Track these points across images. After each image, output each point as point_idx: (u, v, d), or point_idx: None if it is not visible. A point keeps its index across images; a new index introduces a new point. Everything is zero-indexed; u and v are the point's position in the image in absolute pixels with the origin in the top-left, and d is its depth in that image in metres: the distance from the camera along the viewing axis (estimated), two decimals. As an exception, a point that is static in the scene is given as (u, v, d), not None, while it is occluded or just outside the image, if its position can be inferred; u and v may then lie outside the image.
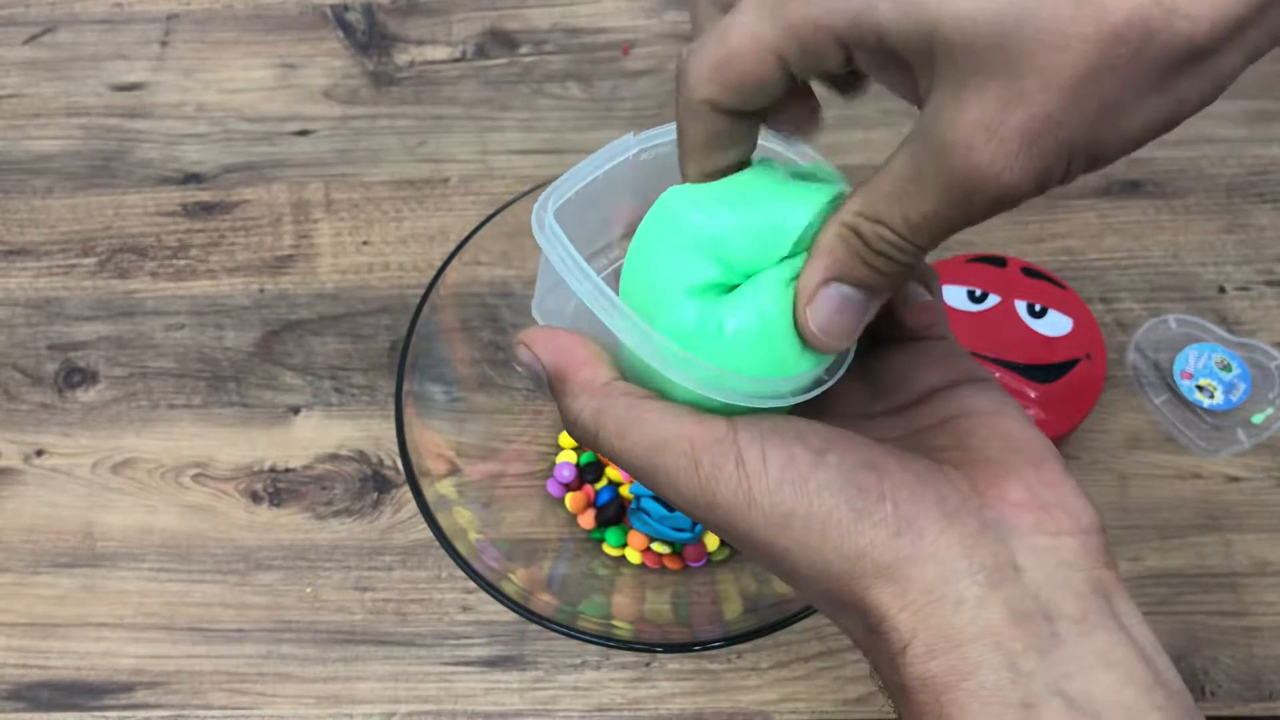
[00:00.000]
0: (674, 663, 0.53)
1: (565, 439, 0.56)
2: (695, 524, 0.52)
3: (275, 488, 0.58)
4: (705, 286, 0.28)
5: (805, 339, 0.28)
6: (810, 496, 0.27)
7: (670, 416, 0.28)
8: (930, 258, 0.61)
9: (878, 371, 0.33)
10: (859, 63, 0.26)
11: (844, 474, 0.27)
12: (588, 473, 0.55)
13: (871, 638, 0.27)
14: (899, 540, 0.27)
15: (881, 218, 0.26)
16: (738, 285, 0.29)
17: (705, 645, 0.44)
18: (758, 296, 0.28)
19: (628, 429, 0.28)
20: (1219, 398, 0.56)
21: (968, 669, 0.25)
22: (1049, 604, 0.26)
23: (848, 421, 0.31)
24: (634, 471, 0.29)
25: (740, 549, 0.29)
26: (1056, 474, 0.29)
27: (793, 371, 0.29)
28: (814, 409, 0.31)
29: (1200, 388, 0.55)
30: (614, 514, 0.53)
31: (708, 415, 0.28)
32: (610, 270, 0.34)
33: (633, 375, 0.30)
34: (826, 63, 0.25)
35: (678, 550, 0.53)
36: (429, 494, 0.46)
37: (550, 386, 0.30)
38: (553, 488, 0.55)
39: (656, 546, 0.53)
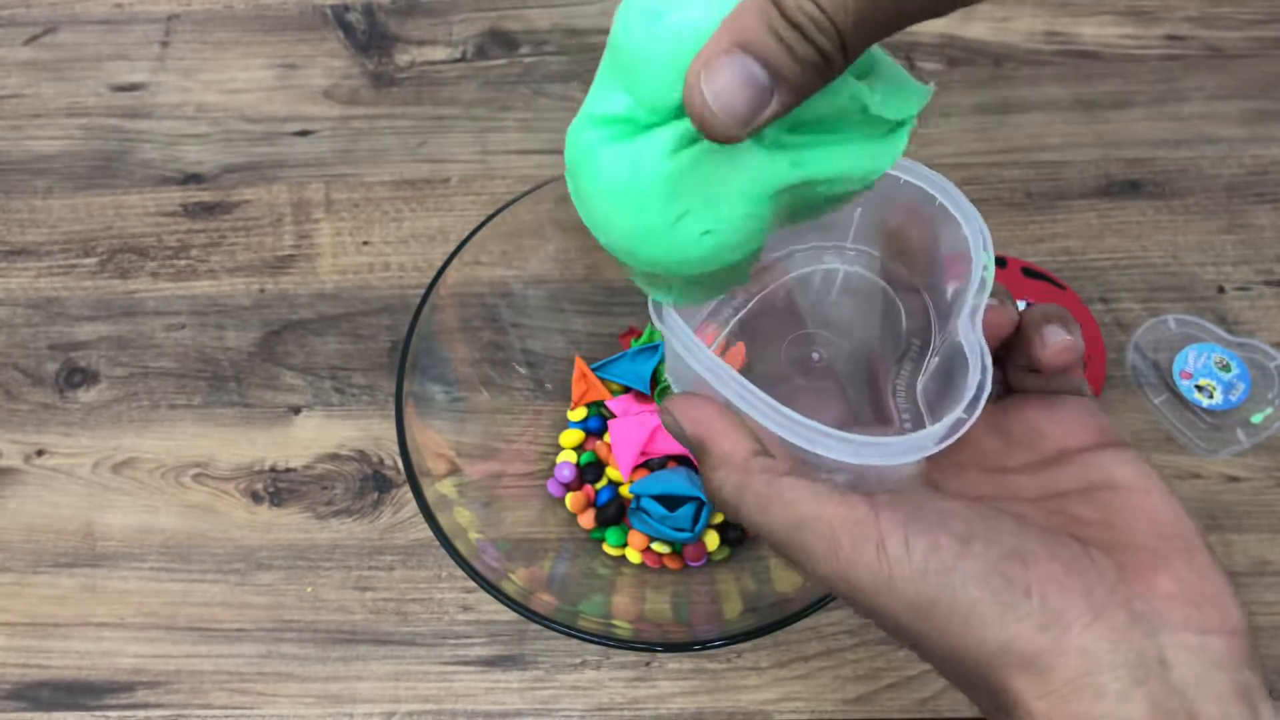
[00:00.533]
0: (674, 662, 0.53)
1: (565, 439, 0.56)
2: (695, 524, 0.52)
3: (276, 487, 0.58)
4: (609, 119, 0.27)
5: (693, 111, 0.24)
6: (955, 588, 0.26)
7: (809, 495, 0.28)
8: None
9: (1011, 424, 0.32)
10: None
11: (990, 565, 0.27)
12: (588, 473, 0.55)
13: (999, 715, 0.27)
14: (1044, 635, 0.26)
15: None
16: (651, 126, 0.26)
17: (705, 645, 0.44)
18: (643, 147, 0.26)
19: (769, 506, 0.28)
20: (1218, 398, 0.56)
21: None
22: (1193, 704, 0.26)
23: (985, 475, 0.30)
24: (775, 546, 0.29)
25: (874, 622, 0.29)
26: (1207, 566, 0.28)
27: (660, 242, 0.26)
28: (952, 462, 0.31)
29: (1199, 388, 0.55)
30: (614, 514, 0.53)
31: (849, 494, 0.28)
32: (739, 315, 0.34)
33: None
34: None
35: (677, 550, 0.53)
36: (429, 494, 0.46)
37: (692, 453, 0.31)
38: (553, 487, 0.55)
39: (656, 546, 0.53)
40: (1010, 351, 0.32)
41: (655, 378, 0.55)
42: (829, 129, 0.26)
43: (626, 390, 0.57)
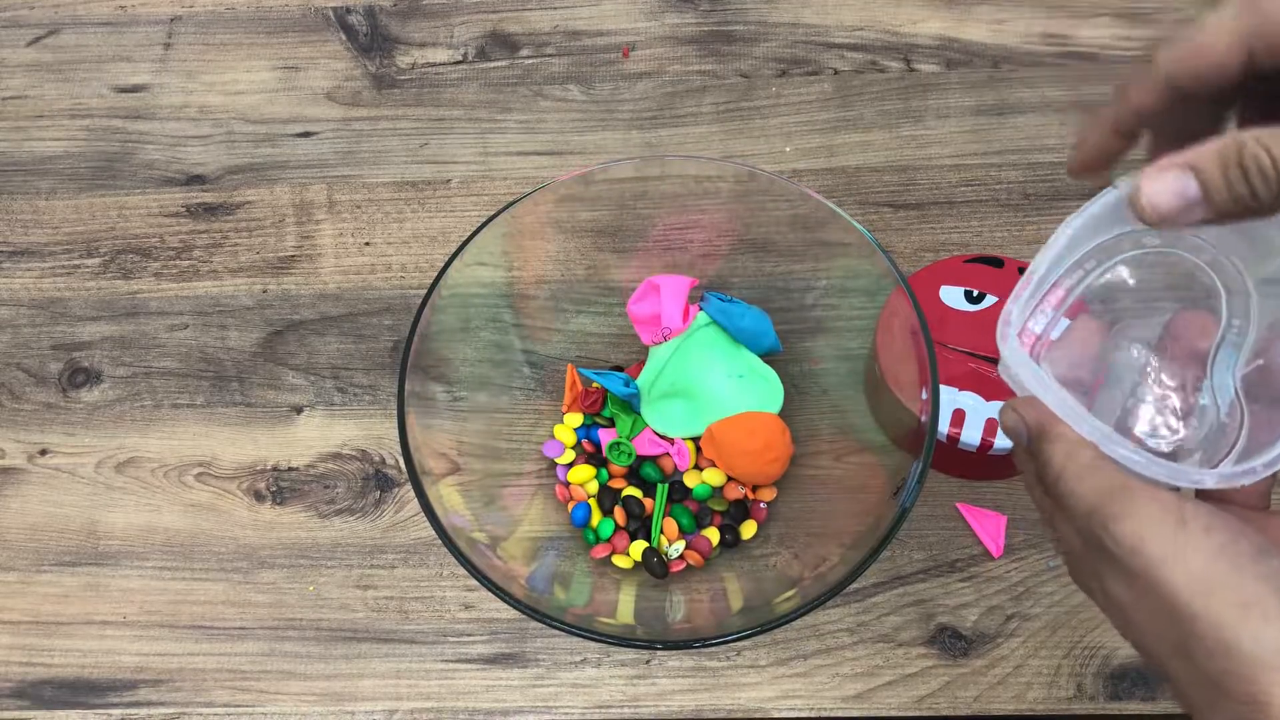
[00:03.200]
0: (674, 660, 0.53)
1: (565, 438, 0.56)
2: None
3: (278, 486, 0.58)
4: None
5: (1130, 201, 0.29)
6: (1245, 578, 0.27)
7: (1128, 473, 0.31)
8: (930, 257, 0.62)
9: None
10: None
11: (1279, 577, 0.28)
12: (604, 497, 0.55)
13: None
14: None
15: (1269, 146, 0.27)
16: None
17: (705, 643, 0.44)
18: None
19: (1086, 474, 0.31)
20: None
21: None
22: None
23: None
24: (1077, 510, 0.31)
25: (1126, 604, 0.30)
26: None
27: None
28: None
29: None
30: (609, 508, 0.54)
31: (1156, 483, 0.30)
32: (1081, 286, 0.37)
33: None
34: None
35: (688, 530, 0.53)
36: (430, 493, 0.46)
37: (1031, 439, 0.33)
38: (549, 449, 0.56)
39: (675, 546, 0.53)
40: None
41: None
42: None
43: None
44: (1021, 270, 0.57)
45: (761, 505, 0.54)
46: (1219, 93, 0.31)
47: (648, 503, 0.54)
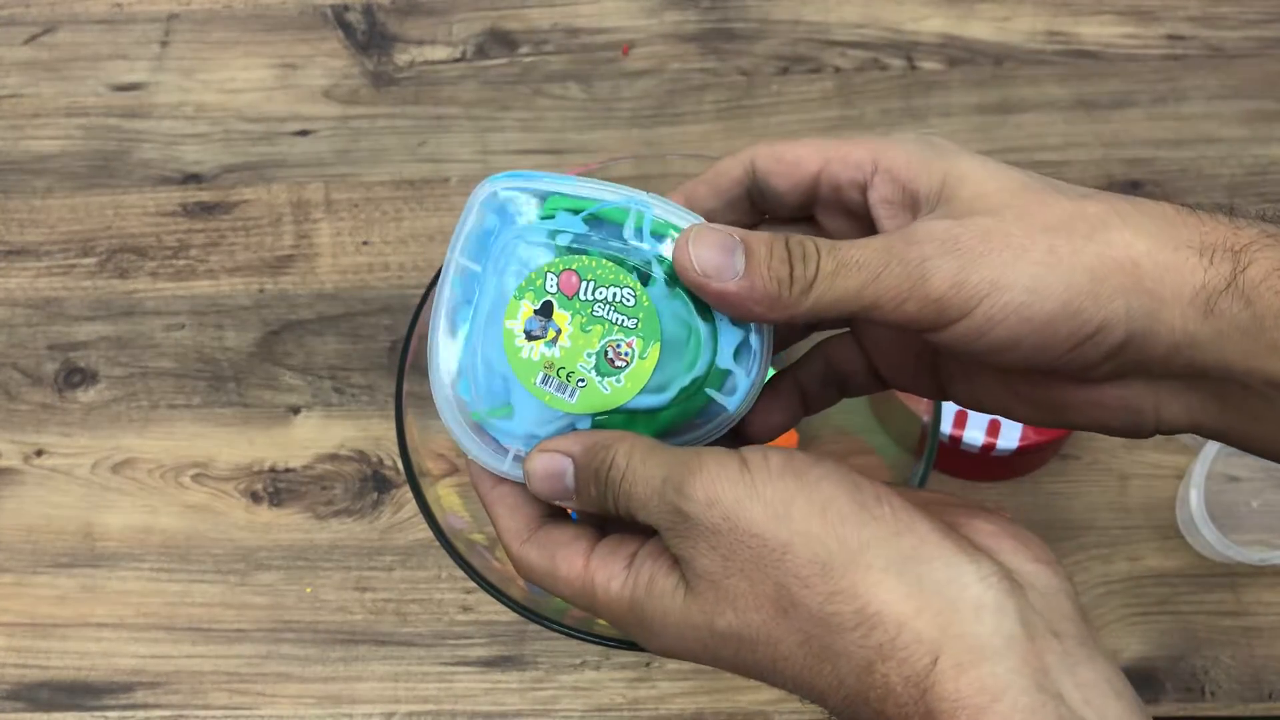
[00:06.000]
0: (674, 663, 0.53)
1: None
2: None
3: (275, 488, 0.58)
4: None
5: (676, 250, 0.30)
6: (811, 485, 0.27)
7: (687, 450, 0.30)
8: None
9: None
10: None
11: (840, 475, 0.28)
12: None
13: (878, 668, 0.25)
14: (901, 540, 0.26)
15: (814, 239, 0.29)
16: None
17: (705, 645, 0.44)
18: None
19: (654, 453, 0.29)
20: None
21: (999, 688, 0.24)
22: (1052, 623, 0.26)
23: None
24: (650, 488, 0.29)
25: (718, 574, 0.28)
26: (1007, 520, 0.29)
27: None
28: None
29: None
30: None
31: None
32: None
33: None
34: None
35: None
36: (429, 494, 0.46)
37: (581, 467, 0.31)
38: None
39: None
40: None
41: None
42: None
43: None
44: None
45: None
46: (794, 206, 0.32)
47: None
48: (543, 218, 0.32)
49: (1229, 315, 0.26)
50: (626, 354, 0.32)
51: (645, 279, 0.32)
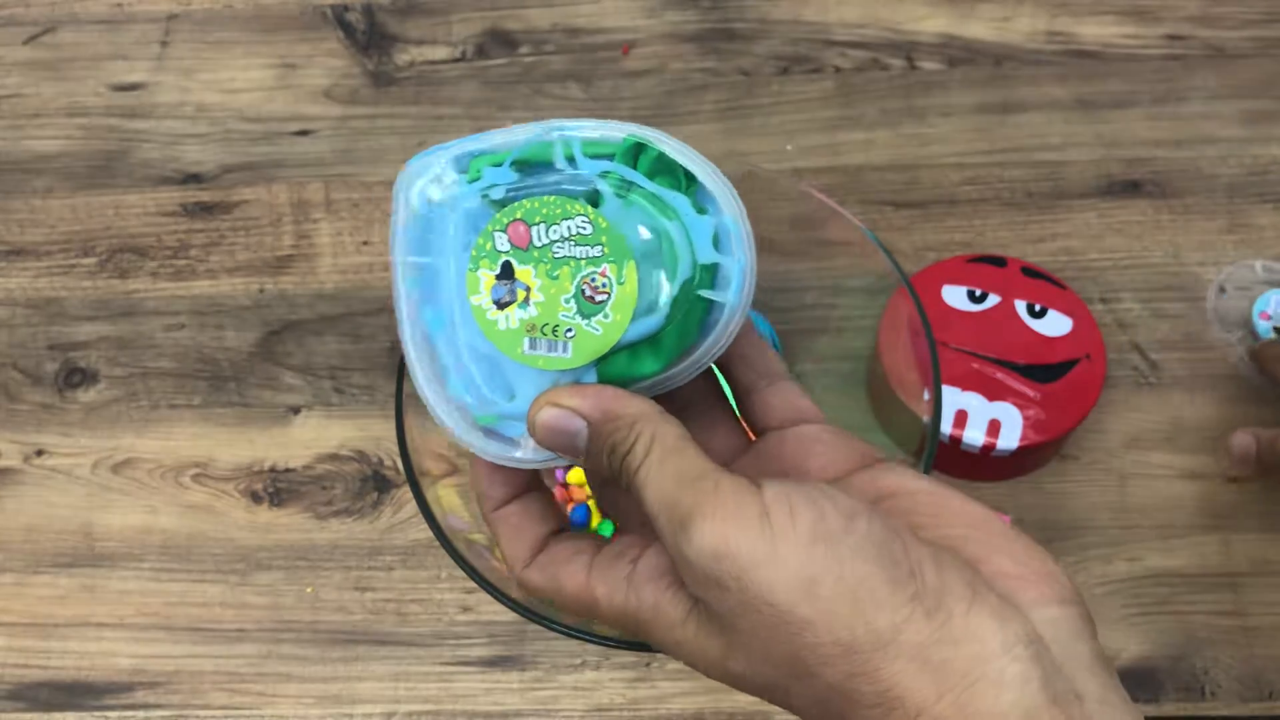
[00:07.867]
0: (674, 663, 0.53)
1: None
2: None
3: (275, 488, 0.58)
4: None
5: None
6: (844, 560, 0.25)
7: (700, 456, 0.28)
8: (932, 257, 0.61)
9: (771, 470, 0.33)
10: None
11: (874, 541, 0.25)
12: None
13: None
14: (932, 620, 0.25)
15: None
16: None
17: (705, 645, 0.44)
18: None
19: (668, 459, 0.28)
20: None
21: None
22: (1073, 679, 0.25)
23: None
24: (658, 512, 0.27)
25: (735, 632, 0.26)
26: (1030, 545, 0.28)
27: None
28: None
29: (1277, 329, 0.57)
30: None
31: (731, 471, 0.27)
32: None
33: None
34: None
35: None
36: (429, 494, 0.46)
37: (596, 431, 0.29)
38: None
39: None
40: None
41: None
42: None
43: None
44: (1024, 270, 0.57)
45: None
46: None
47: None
48: (470, 181, 0.30)
49: None
50: (604, 284, 0.29)
51: (595, 201, 0.29)
